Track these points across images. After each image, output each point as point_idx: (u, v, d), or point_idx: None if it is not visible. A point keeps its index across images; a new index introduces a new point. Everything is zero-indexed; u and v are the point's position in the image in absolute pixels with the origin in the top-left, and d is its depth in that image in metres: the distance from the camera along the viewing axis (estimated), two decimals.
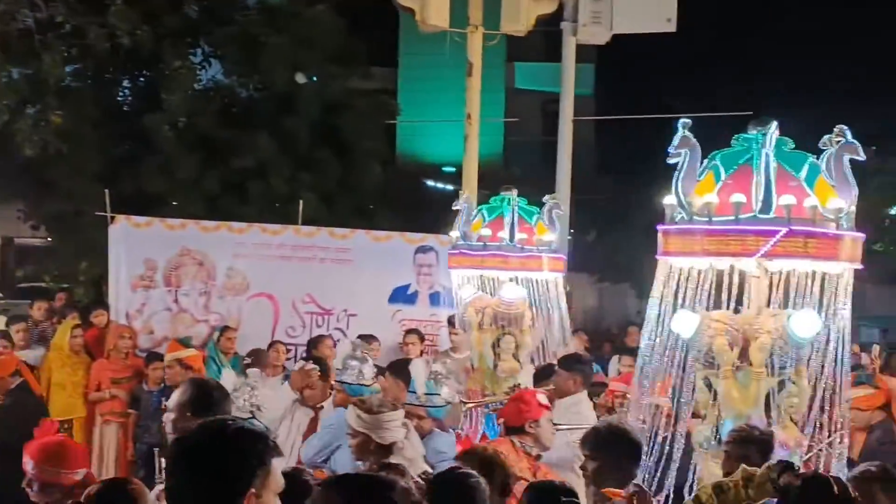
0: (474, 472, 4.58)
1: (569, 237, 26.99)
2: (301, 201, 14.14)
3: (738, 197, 5.57)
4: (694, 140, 5.73)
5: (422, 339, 12.27)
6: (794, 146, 6.00)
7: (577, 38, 13.24)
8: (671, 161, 5.85)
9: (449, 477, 4.61)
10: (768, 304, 5.88)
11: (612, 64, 29.31)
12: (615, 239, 26.43)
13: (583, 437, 5.75)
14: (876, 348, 13.56)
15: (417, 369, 7.47)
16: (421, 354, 11.06)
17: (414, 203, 22.13)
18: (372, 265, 12.71)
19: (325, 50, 19.89)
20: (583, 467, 5.50)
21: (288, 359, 11.98)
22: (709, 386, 5.92)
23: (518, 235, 9.44)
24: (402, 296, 12.89)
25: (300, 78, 19.23)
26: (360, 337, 10.65)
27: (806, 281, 5.72)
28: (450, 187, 22.39)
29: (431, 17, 13.91)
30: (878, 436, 8.87)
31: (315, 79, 19.91)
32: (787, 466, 3.59)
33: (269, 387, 8.15)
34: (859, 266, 5.78)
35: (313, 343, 11.77)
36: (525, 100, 29.28)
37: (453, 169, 19.58)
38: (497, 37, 14.45)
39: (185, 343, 11.73)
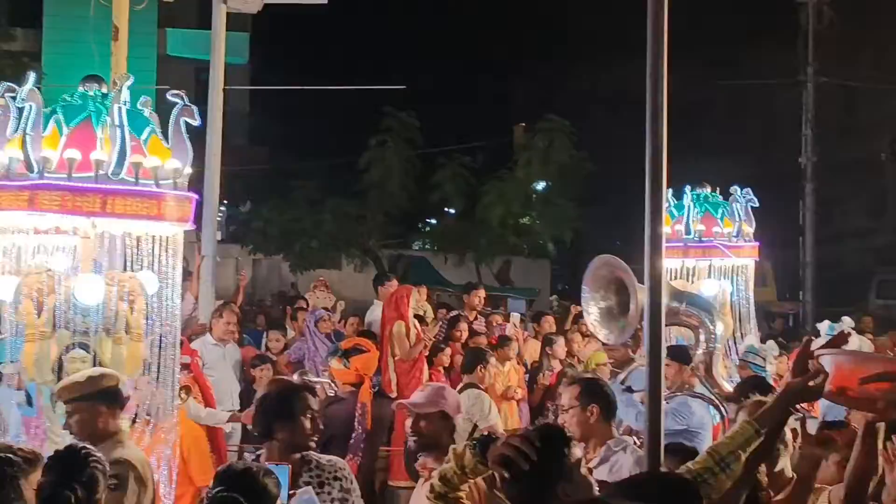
0: None
1: (222, 208, 26.63)
2: None
3: (75, 153, 5.53)
4: (39, 94, 5.61)
5: None
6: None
7: (227, 6, 12.95)
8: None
9: None
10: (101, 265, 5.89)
11: (268, 34, 29.16)
12: (270, 210, 26.26)
13: None
14: (516, 317, 14.19)
15: None
16: None
17: None
18: None
19: None
20: None
21: None
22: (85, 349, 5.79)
23: None
24: None
25: None
26: None
27: (140, 241, 5.79)
28: None
29: None
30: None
31: None
32: (487, 440, 3.58)
33: None
34: (189, 226, 5.92)
35: None
36: (177, 67, 28.47)
37: None
38: (144, 1, 13.92)
39: None
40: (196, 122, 5.76)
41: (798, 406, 4.07)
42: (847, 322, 10.97)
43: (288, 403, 5.10)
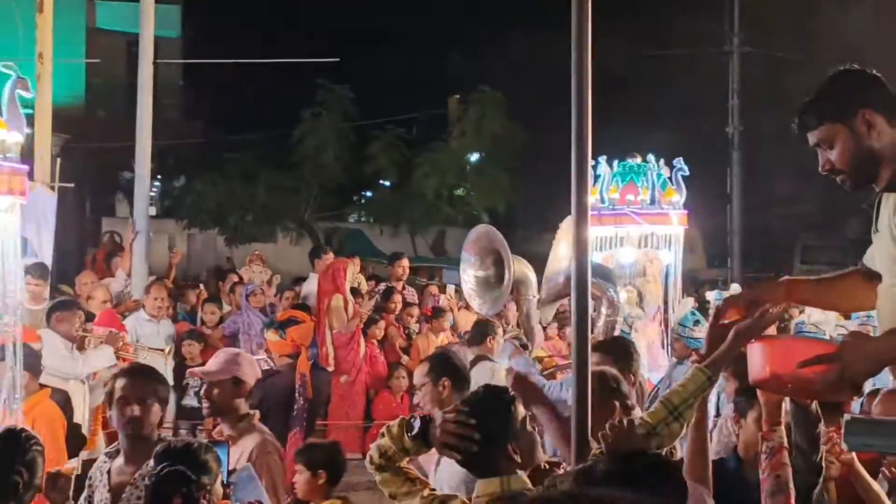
0: None
1: (155, 183, 26.39)
2: None
3: None
4: None
5: None
6: None
7: None
8: None
9: None
10: None
11: (200, 6, 28.89)
12: (204, 184, 26.06)
13: None
14: (451, 288, 14.31)
15: None
16: None
17: None
18: None
19: None
20: None
21: None
22: None
23: None
24: None
25: None
26: None
27: None
28: (27, 130, 21.14)
29: None
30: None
31: None
32: (425, 421, 3.64)
33: None
34: (23, 199, 6.03)
35: None
36: (108, 40, 28.11)
37: (30, 111, 18.52)
38: None
39: None
40: (29, 95, 5.77)
41: None
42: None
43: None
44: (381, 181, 28.98)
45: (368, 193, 31.33)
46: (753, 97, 26.55)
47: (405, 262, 13.41)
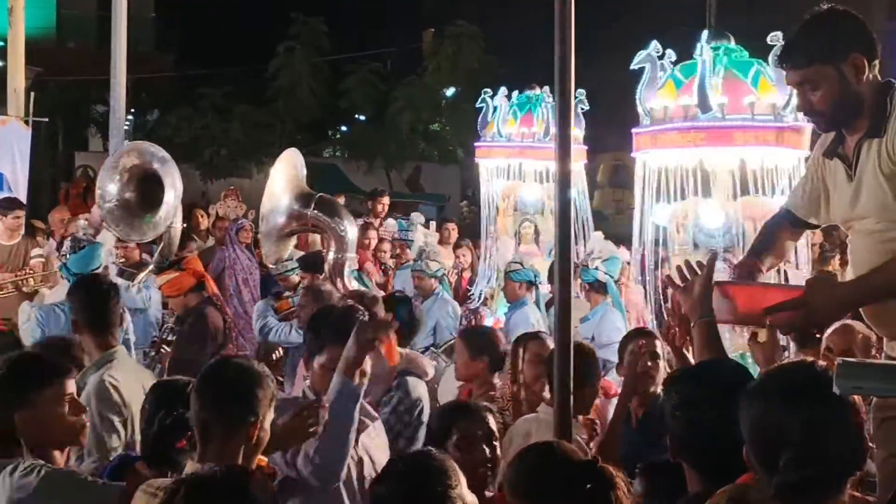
0: None
1: (129, 117, 26.10)
2: None
3: None
4: None
5: None
6: None
7: None
8: None
9: None
10: None
11: None
12: (178, 118, 25.78)
13: None
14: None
15: None
16: None
17: None
18: None
19: None
20: None
21: None
22: None
23: None
24: None
25: None
26: None
27: None
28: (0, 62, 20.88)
29: None
30: (189, 322, 7.24)
31: None
32: None
33: None
34: None
35: None
36: None
37: (2, 43, 18.25)
38: None
39: None
40: None
41: None
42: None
43: None
44: (356, 116, 28.79)
45: (344, 128, 31.11)
46: (730, 30, 26.43)
47: (385, 200, 13.41)
